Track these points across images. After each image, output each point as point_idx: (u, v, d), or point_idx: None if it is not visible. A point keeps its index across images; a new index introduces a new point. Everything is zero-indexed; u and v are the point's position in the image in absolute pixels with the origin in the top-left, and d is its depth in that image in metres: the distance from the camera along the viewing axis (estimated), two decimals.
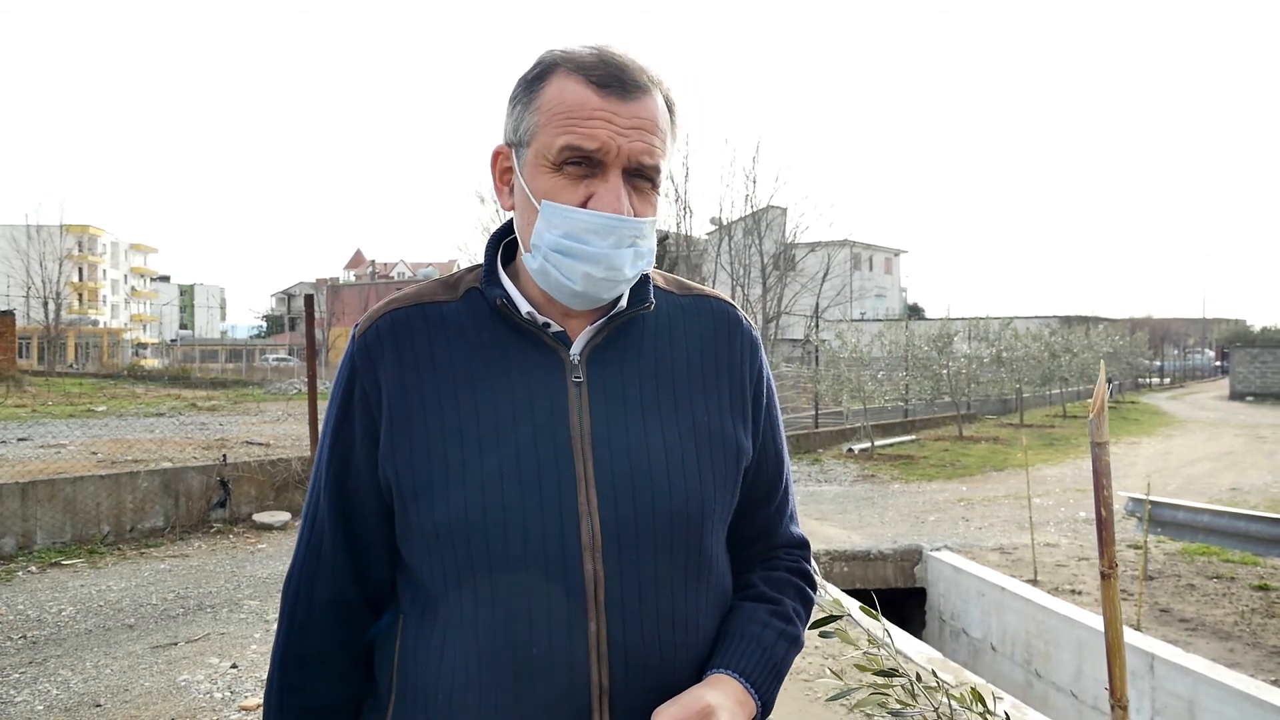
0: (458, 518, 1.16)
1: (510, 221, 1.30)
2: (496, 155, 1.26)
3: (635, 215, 1.18)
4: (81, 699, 4.76)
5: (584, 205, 1.17)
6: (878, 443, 17.79)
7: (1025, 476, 10.93)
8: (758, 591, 1.32)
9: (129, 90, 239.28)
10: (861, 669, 1.63)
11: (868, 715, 1.64)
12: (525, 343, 1.23)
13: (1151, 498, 9.27)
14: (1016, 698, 5.77)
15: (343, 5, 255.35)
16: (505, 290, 1.25)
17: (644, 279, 1.30)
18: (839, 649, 5.53)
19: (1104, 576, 1.43)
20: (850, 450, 17.35)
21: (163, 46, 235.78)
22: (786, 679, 5.20)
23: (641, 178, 1.19)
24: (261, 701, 4.66)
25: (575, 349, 1.24)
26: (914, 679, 1.53)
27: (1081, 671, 6.49)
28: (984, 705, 1.60)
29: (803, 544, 1.40)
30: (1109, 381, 37.12)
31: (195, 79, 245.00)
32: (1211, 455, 18.08)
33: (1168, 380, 56.70)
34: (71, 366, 52.68)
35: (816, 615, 1.67)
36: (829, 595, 1.54)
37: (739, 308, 1.39)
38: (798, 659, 6.00)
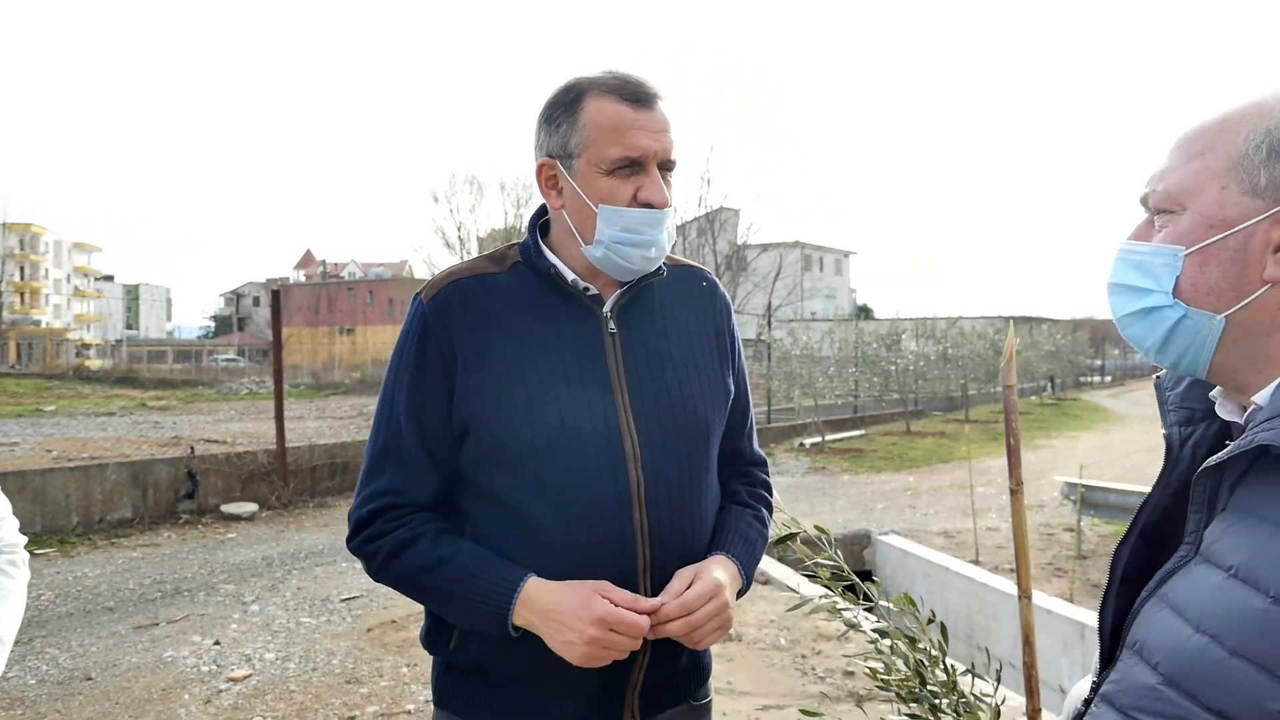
0: (530, 442, 1.48)
1: (542, 207, 1.65)
2: (541, 167, 1.57)
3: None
4: (71, 674, 4.95)
5: (634, 197, 1.49)
6: (828, 437, 18.23)
7: (969, 468, 11.41)
8: (742, 499, 1.72)
9: (72, 85, 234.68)
10: (814, 579, 1.95)
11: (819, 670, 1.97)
12: (570, 303, 1.56)
13: (1084, 481, 9.75)
14: None
15: (296, 1, 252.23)
16: (552, 263, 1.57)
17: None
18: (793, 620, 5.88)
19: (1012, 493, 1.76)
20: (802, 444, 17.75)
21: (106, 39, 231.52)
22: (745, 649, 5.57)
23: (666, 169, 1.53)
24: (249, 673, 4.89)
25: (607, 307, 1.57)
26: (860, 586, 1.86)
27: (1020, 643, 6.89)
28: (915, 607, 1.93)
29: (764, 461, 1.81)
30: (1052, 380, 38.30)
31: (141, 75, 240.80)
32: (1148, 448, 18.74)
33: (1109, 379, 58.15)
34: (13, 367, 51.48)
35: (777, 534, 2.01)
36: (787, 516, 1.87)
37: (713, 273, 1.77)
38: (755, 632, 6.34)
